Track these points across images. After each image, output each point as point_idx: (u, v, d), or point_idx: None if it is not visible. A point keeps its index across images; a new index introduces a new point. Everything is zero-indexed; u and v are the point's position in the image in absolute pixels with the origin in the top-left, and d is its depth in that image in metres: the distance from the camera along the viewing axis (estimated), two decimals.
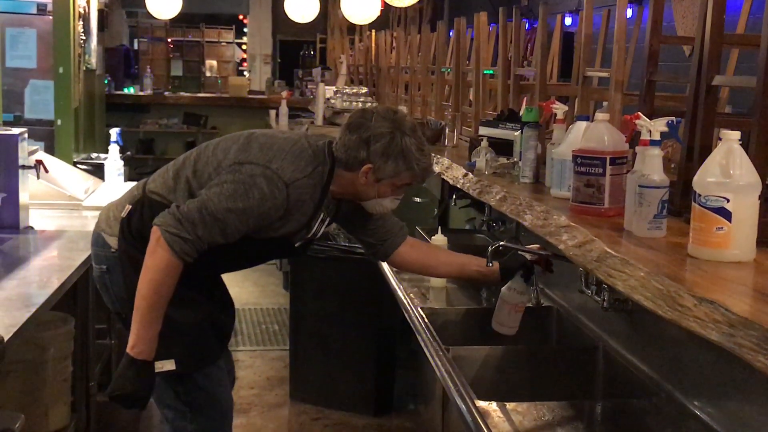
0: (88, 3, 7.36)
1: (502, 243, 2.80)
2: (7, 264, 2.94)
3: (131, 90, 10.84)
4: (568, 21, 7.10)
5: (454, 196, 4.00)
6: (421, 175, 2.45)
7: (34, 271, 2.90)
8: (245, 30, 14.99)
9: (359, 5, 7.49)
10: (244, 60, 14.92)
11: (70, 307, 3.28)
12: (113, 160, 4.65)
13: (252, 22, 14.59)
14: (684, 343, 2.10)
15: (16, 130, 3.46)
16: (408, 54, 6.71)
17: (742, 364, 1.36)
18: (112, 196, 3.13)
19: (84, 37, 7.05)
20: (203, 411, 2.57)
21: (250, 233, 2.40)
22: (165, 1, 9.03)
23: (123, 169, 4.70)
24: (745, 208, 1.71)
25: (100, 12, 8.03)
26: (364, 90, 7.05)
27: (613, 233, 2.05)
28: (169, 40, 13.67)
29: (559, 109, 2.75)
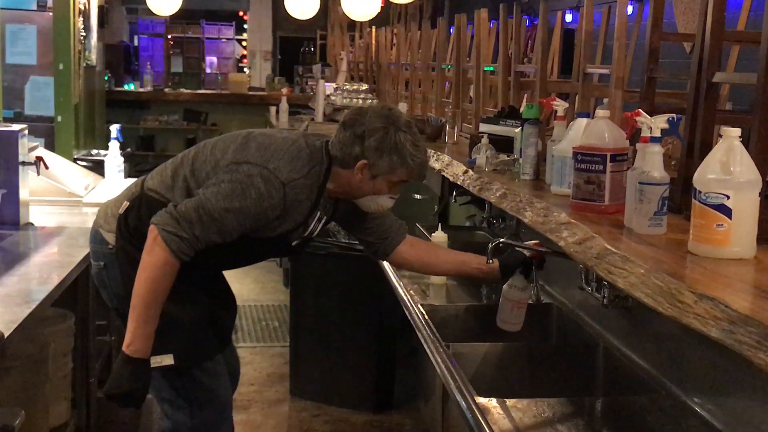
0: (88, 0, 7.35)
1: (503, 240, 2.81)
2: (7, 260, 2.93)
3: (131, 86, 10.83)
4: (569, 18, 7.11)
5: (455, 193, 4.00)
6: (417, 172, 2.45)
7: (35, 267, 2.90)
8: (245, 26, 14.98)
9: (359, 2, 7.47)
10: (244, 56, 14.91)
11: (71, 304, 3.28)
12: (113, 157, 4.65)
13: (252, 18, 14.58)
14: (684, 340, 2.10)
15: (16, 127, 3.46)
16: (408, 51, 6.70)
17: (742, 360, 1.36)
18: (112, 192, 3.13)
19: (84, 34, 7.05)
20: (202, 406, 2.57)
21: (247, 232, 2.41)
22: None
23: (123, 165, 4.69)
24: (746, 205, 1.72)
25: (100, 8, 8.03)
26: (365, 87, 7.04)
27: (613, 230, 2.05)
28: (169, 37, 13.66)
29: (560, 106, 2.75)
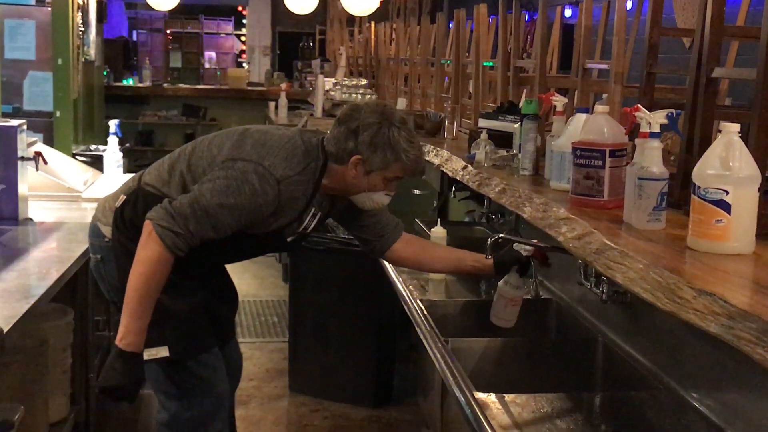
0: None
1: (502, 235, 2.81)
2: (6, 255, 2.93)
3: (130, 82, 10.82)
4: (568, 13, 7.10)
5: (454, 189, 4.00)
6: (412, 168, 2.45)
7: (34, 262, 2.90)
8: (244, 21, 14.97)
9: None
10: (243, 51, 14.90)
11: (70, 299, 3.28)
12: (112, 152, 4.65)
13: (251, 13, 14.58)
14: (683, 335, 2.10)
15: (15, 122, 3.45)
16: (407, 46, 6.69)
17: (740, 356, 1.36)
18: (111, 187, 3.13)
19: (83, 29, 7.03)
20: (198, 397, 2.58)
21: (242, 228, 2.42)
22: None
23: (122, 160, 4.70)
24: (745, 201, 1.71)
25: (99, 3, 8.01)
26: (364, 82, 7.03)
27: (612, 225, 2.05)
28: (167, 32, 13.64)
29: (559, 101, 2.75)
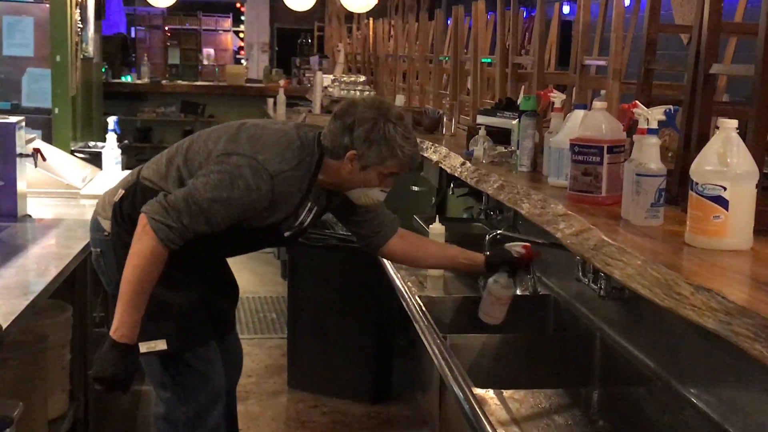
0: None
1: (500, 232, 2.82)
2: (5, 252, 2.93)
3: (129, 78, 10.81)
4: (566, 9, 7.09)
5: (452, 185, 4.00)
6: (407, 163, 2.45)
7: (32, 259, 2.90)
8: (243, 18, 14.95)
9: None
10: (241, 48, 14.89)
11: (68, 295, 3.28)
12: (111, 149, 4.64)
13: (249, 10, 14.56)
14: (681, 331, 2.10)
15: (13, 119, 3.45)
16: (406, 42, 6.69)
17: (738, 352, 1.37)
18: (109, 184, 3.13)
19: (81, 26, 7.02)
20: (194, 391, 2.59)
21: (237, 222, 2.42)
22: None
23: (120, 157, 4.69)
24: (743, 197, 1.72)
25: (98, 0, 8.00)
26: (362, 78, 7.03)
27: (610, 222, 2.05)
28: (166, 28, 13.62)
29: (557, 97, 2.75)
